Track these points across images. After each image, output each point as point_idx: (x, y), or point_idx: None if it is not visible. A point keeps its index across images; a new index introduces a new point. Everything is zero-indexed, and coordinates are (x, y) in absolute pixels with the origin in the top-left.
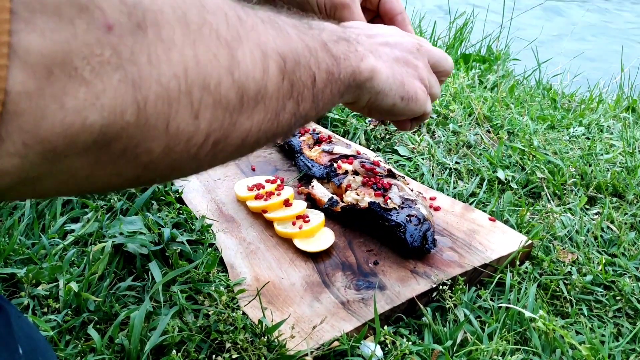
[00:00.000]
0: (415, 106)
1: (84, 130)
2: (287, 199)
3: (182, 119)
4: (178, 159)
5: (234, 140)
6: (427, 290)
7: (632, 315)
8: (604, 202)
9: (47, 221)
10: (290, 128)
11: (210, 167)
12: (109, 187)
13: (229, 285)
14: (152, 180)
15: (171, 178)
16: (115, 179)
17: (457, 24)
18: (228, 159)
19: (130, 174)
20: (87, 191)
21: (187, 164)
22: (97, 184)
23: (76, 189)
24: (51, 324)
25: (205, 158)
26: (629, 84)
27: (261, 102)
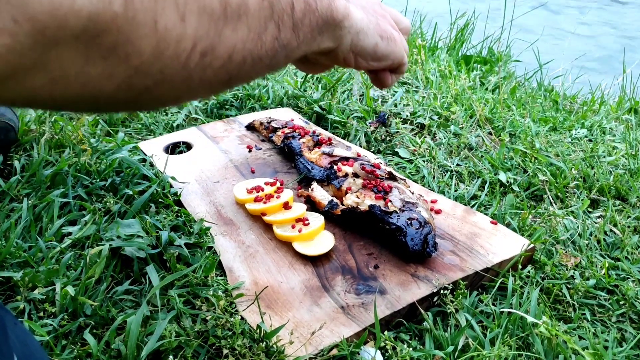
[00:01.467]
0: (396, 47)
1: (73, 14)
2: (286, 201)
3: (169, 19)
4: (168, 65)
5: (221, 53)
6: (428, 294)
7: (635, 320)
8: (607, 205)
9: (44, 224)
10: (275, 55)
11: (201, 85)
12: (101, 92)
13: (227, 289)
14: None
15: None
16: (107, 83)
17: (458, 25)
18: (217, 78)
19: (121, 75)
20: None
21: (177, 73)
22: (89, 86)
23: (68, 92)
24: (47, 329)
25: (195, 70)
26: (630, 86)
27: (244, 17)
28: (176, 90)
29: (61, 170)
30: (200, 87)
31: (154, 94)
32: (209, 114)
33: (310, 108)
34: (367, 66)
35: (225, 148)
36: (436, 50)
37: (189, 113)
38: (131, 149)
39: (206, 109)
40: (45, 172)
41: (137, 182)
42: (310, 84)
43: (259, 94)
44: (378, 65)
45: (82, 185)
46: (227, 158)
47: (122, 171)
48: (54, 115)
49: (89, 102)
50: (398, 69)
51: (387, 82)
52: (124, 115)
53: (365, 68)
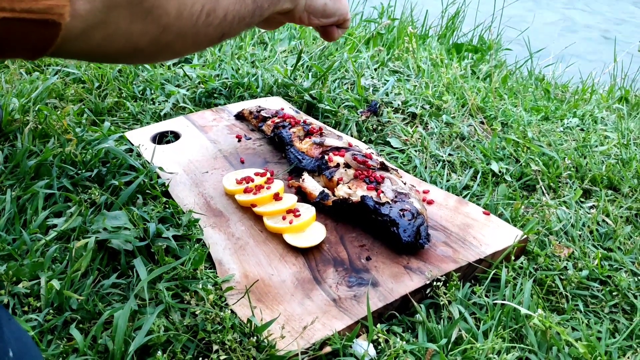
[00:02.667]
0: (341, 5)
1: None
2: (277, 192)
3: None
4: (185, 25)
5: (219, 13)
6: (420, 286)
7: (628, 311)
8: (599, 195)
9: (28, 216)
10: (253, 14)
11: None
12: (136, 46)
13: (216, 282)
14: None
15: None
16: (142, 39)
17: (449, 13)
18: (215, 34)
19: (153, 33)
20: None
21: (190, 30)
22: (130, 41)
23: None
24: (32, 324)
25: (202, 27)
26: (621, 74)
27: None
28: (188, 44)
29: (46, 161)
30: (204, 41)
31: (172, 48)
32: (197, 103)
33: (301, 97)
34: (318, 23)
35: (214, 138)
36: (427, 39)
37: (176, 102)
38: (118, 138)
39: (194, 98)
40: (30, 163)
41: (123, 173)
42: (300, 72)
43: (248, 82)
44: (327, 21)
45: (67, 176)
46: (216, 148)
47: (108, 161)
48: (38, 104)
49: (126, 54)
50: (343, 24)
51: (334, 35)
52: (110, 105)
53: (316, 25)
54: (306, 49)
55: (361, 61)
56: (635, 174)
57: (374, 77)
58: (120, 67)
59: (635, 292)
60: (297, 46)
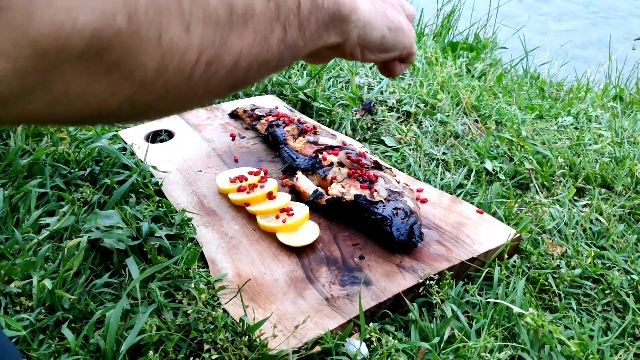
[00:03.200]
0: (404, 37)
1: (76, 33)
2: (270, 191)
3: (174, 31)
4: (172, 80)
5: (227, 61)
6: (413, 285)
7: (620, 310)
8: (593, 193)
9: (21, 215)
10: (281, 57)
11: (206, 95)
12: (103, 110)
13: (209, 281)
14: (147, 106)
15: (167, 105)
16: (110, 99)
17: (444, 12)
18: (222, 85)
19: (125, 92)
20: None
21: (182, 86)
22: (92, 103)
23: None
24: (24, 323)
25: (200, 80)
26: (616, 73)
27: (250, 22)
28: (181, 101)
29: (38, 160)
30: (206, 95)
31: (158, 108)
32: None
33: (295, 95)
34: (375, 58)
35: (208, 136)
36: (422, 37)
37: None
38: (111, 137)
39: None
40: (22, 162)
41: (117, 172)
42: (295, 71)
43: None
44: (385, 56)
45: (60, 175)
46: (209, 147)
47: (101, 160)
48: None
49: (91, 118)
50: (407, 58)
51: (395, 71)
52: None
53: (372, 60)
54: None
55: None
56: (629, 172)
57: (369, 75)
58: None
59: (628, 290)
60: None
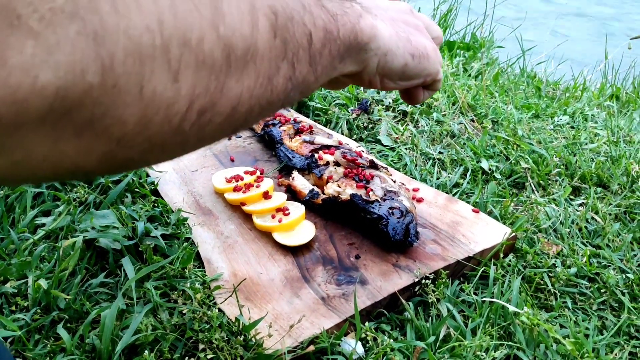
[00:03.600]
0: (428, 64)
1: (36, 94)
2: (266, 191)
3: (158, 81)
4: (158, 132)
5: (223, 108)
6: (409, 284)
7: (616, 308)
8: (589, 192)
9: (16, 215)
10: (287, 95)
11: (199, 143)
12: (78, 169)
13: (205, 281)
14: (130, 160)
15: (153, 157)
16: (84, 159)
17: (441, 11)
18: (218, 133)
19: (100, 151)
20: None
21: (169, 138)
22: (63, 165)
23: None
24: (19, 323)
25: (191, 131)
26: (612, 72)
27: (251, 63)
28: (168, 153)
29: None
30: (198, 144)
31: (142, 161)
32: None
33: None
34: (396, 86)
35: None
36: None
37: None
38: None
39: None
40: None
41: None
42: None
43: None
44: (407, 84)
45: None
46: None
47: None
48: None
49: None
50: (432, 85)
51: (417, 99)
52: None
53: (393, 88)
54: None
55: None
56: (625, 171)
57: None
58: None
59: (623, 289)
60: None
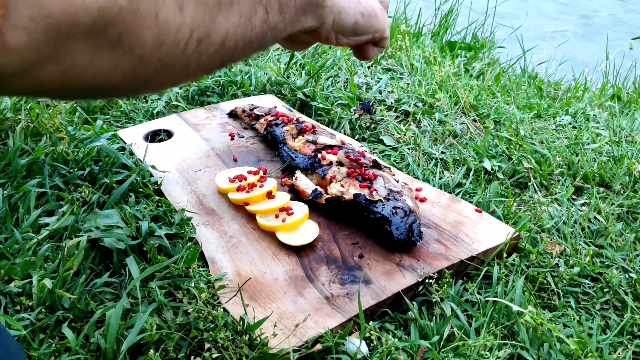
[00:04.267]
0: (377, 22)
1: (84, 10)
2: (269, 190)
3: (169, 10)
4: (168, 54)
5: (215, 39)
6: (413, 284)
7: (619, 308)
8: (591, 192)
9: (20, 215)
10: (264, 36)
11: (198, 69)
12: (107, 81)
13: (209, 280)
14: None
15: (164, 79)
16: (112, 73)
17: (442, 11)
18: (212, 62)
19: (126, 66)
20: (87, 87)
21: (176, 60)
22: (97, 76)
23: (76, 83)
24: (24, 323)
25: (192, 56)
26: (614, 72)
27: (235, 4)
28: (175, 75)
29: (38, 159)
30: (197, 71)
31: (155, 81)
32: (190, 101)
33: (294, 95)
34: (348, 42)
35: (207, 136)
36: (420, 37)
37: (169, 100)
38: (110, 137)
39: (187, 96)
40: (21, 161)
41: (116, 171)
42: (293, 71)
43: (241, 80)
44: (358, 40)
45: (59, 175)
46: (208, 146)
47: (100, 160)
48: (30, 103)
49: (95, 91)
50: (380, 42)
51: (368, 54)
52: (103, 103)
53: (346, 44)
54: None
55: (354, 59)
56: (627, 171)
57: (367, 75)
58: None
59: (626, 288)
60: None
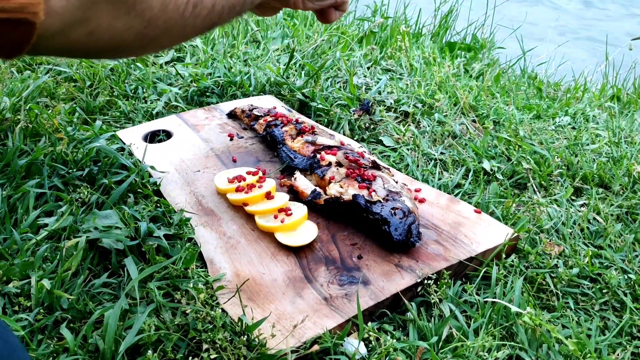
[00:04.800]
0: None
1: None
2: (268, 191)
3: None
4: (171, 17)
5: (207, 3)
6: (411, 284)
7: (618, 309)
8: (590, 193)
9: (19, 215)
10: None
11: (193, 31)
12: (122, 41)
13: (208, 281)
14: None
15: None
16: (127, 34)
17: (442, 12)
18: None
19: (138, 27)
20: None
21: (176, 22)
22: (115, 37)
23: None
24: (22, 323)
25: (189, 19)
26: (613, 73)
27: None
28: (175, 36)
29: (36, 160)
30: (192, 33)
31: (159, 41)
32: (189, 102)
33: (293, 95)
34: (313, 7)
35: (206, 136)
36: (420, 37)
37: (168, 100)
38: (109, 137)
39: (186, 97)
40: (20, 162)
41: (115, 172)
42: (293, 71)
43: (240, 81)
44: (322, 4)
45: (58, 175)
46: (208, 147)
47: (99, 160)
48: (29, 103)
49: (112, 50)
50: (341, 5)
51: (331, 17)
52: (102, 103)
53: (311, 8)
54: (299, 48)
55: (354, 60)
56: (626, 172)
57: (367, 75)
58: (112, 66)
59: (625, 289)
60: (289, 45)
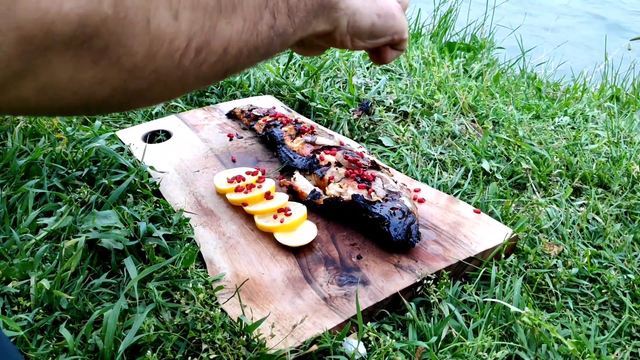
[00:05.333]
0: (394, 22)
1: (61, 19)
2: (268, 191)
3: (162, 18)
4: (162, 66)
5: (216, 47)
6: (411, 284)
7: (617, 309)
8: (590, 193)
9: (18, 215)
10: (271, 43)
11: (196, 81)
12: (93, 97)
13: (207, 281)
14: (139, 92)
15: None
16: (99, 88)
17: (441, 12)
18: (213, 72)
19: (114, 80)
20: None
21: (172, 72)
22: (81, 92)
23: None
24: (21, 323)
25: (190, 67)
26: (612, 73)
27: (239, 8)
28: (171, 89)
29: (36, 160)
30: (195, 82)
31: (148, 95)
32: (188, 102)
33: (293, 95)
34: (365, 45)
35: (206, 137)
36: (419, 37)
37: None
38: (108, 137)
39: (186, 97)
40: (20, 162)
41: (114, 172)
42: (292, 71)
43: (240, 81)
44: (375, 43)
45: (57, 175)
46: (207, 147)
47: (99, 161)
48: None
49: (80, 107)
50: (399, 44)
51: (386, 58)
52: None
53: (363, 48)
54: None
55: (353, 60)
56: (625, 172)
57: (366, 75)
58: None
59: (624, 289)
60: None
